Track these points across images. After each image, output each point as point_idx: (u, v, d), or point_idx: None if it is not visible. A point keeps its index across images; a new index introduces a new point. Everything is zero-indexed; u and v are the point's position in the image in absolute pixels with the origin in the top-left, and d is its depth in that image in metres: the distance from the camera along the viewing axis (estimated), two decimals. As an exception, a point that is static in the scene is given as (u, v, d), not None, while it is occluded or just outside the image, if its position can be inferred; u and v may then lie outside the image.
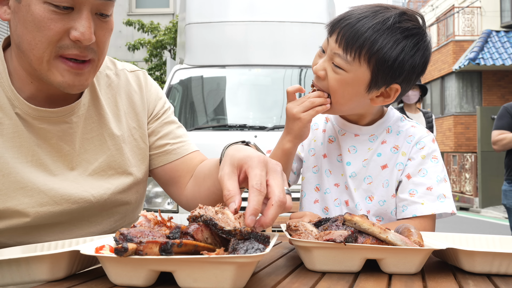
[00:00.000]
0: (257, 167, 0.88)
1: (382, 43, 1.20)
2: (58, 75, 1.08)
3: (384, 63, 1.21)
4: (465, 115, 16.40)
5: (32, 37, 1.04)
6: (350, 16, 1.24)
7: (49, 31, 1.03)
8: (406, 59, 1.22)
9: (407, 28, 1.22)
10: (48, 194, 1.12)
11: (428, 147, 1.34)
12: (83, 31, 1.04)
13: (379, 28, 1.20)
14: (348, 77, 1.24)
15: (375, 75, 1.23)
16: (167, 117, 1.37)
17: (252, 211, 0.82)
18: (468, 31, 17.31)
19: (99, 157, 1.21)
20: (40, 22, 1.03)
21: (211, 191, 1.22)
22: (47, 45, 1.05)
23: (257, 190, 0.85)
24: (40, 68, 1.07)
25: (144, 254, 0.73)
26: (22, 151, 1.11)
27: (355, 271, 0.89)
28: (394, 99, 1.29)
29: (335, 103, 1.29)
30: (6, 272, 0.83)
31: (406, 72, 1.24)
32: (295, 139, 1.30)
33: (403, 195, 1.31)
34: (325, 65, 1.27)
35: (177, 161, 1.33)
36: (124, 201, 1.25)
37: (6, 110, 1.10)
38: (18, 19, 1.05)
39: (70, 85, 1.09)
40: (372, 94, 1.28)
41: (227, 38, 4.84)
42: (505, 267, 0.88)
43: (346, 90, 1.26)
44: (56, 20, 1.03)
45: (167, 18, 14.30)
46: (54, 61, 1.07)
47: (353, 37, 1.21)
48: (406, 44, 1.22)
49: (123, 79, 1.31)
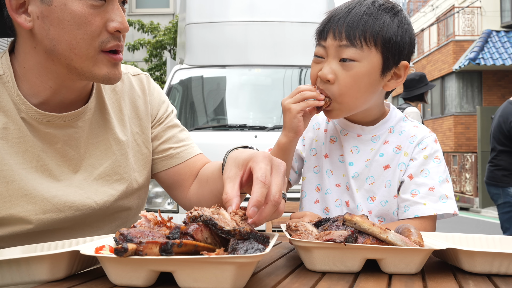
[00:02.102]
0: (263, 162, 0.90)
1: (380, 22, 1.25)
2: (104, 68, 1.10)
3: (389, 41, 1.26)
4: (465, 115, 16.40)
5: (72, 36, 1.05)
6: (336, 13, 1.28)
7: (90, 26, 1.05)
8: (404, 32, 1.29)
9: (391, 7, 1.30)
10: (52, 201, 1.12)
11: (430, 147, 1.34)
12: (121, 20, 1.09)
13: (371, 11, 1.26)
14: (362, 66, 1.25)
15: (386, 56, 1.26)
16: (170, 121, 1.37)
17: (255, 202, 0.84)
18: (468, 31, 17.31)
19: (104, 161, 1.21)
20: (81, 19, 1.04)
21: (213, 194, 1.22)
22: (90, 41, 1.06)
23: (261, 182, 0.86)
24: (83, 66, 1.08)
25: (144, 255, 0.73)
26: (27, 156, 1.11)
27: (355, 271, 0.89)
28: (405, 77, 1.32)
29: (348, 102, 1.27)
30: (6, 272, 0.83)
31: (408, 46, 1.30)
32: (289, 133, 1.29)
33: (405, 196, 1.31)
34: (332, 67, 1.26)
35: (181, 165, 1.33)
36: (126, 207, 1.26)
37: (12, 115, 1.10)
38: (50, 22, 1.05)
39: (113, 77, 1.12)
40: (386, 78, 1.30)
41: (227, 38, 4.84)
42: (505, 267, 0.88)
43: (363, 82, 1.26)
44: (95, 15, 1.06)
45: (167, 18, 14.30)
46: (98, 56, 1.09)
47: (352, 26, 1.24)
48: (399, 20, 1.29)
49: (126, 83, 1.31)
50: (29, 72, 1.11)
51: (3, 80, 1.11)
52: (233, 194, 0.88)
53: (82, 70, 1.09)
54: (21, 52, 1.12)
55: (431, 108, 18.16)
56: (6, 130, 1.09)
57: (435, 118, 17.87)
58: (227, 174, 0.93)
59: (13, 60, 1.14)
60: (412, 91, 5.06)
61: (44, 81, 1.12)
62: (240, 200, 0.89)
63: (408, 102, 5.12)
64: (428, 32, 19.67)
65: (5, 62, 1.13)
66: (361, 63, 1.24)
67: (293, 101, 1.27)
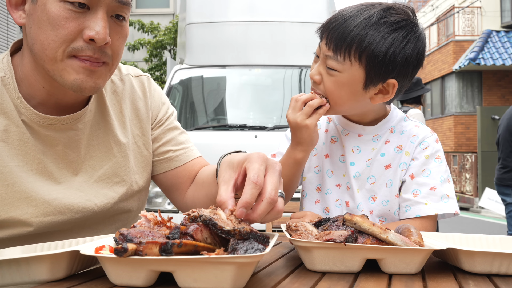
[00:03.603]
0: (257, 162, 0.89)
1: (370, 39, 1.21)
2: (72, 72, 1.05)
3: (375, 59, 1.22)
4: (465, 115, 16.40)
5: (46, 37, 1.03)
6: (336, 18, 1.26)
7: (63, 29, 1.03)
8: (397, 52, 1.22)
9: (393, 21, 1.23)
10: (52, 204, 1.11)
11: (432, 147, 1.34)
12: (98, 30, 1.03)
13: (365, 25, 1.22)
14: (343, 77, 1.25)
15: (369, 72, 1.24)
16: (170, 123, 1.37)
17: (243, 203, 0.84)
18: (468, 31, 17.31)
19: (104, 164, 1.21)
20: (55, 21, 1.02)
21: (208, 198, 1.22)
22: (60, 44, 1.03)
23: (253, 182, 0.85)
24: (54, 68, 1.05)
25: (144, 255, 0.73)
26: (28, 159, 1.10)
27: (355, 271, 0.89)
28: (393, 95, 1.29)
29: (334, 105, 1.29)
30: (6, 272, 0.83)
31: (400, 66, 1.24)
32: (308, 147, 1.29)
33: (407, 195, 1.31)
34: (319, 69, 1.29)
35: (179, 168, 1.33)
36: (126, 209, 1.25)
37: (13, 117, 1.10)
38: (32, 20, 1.05)
39: (83, 83, 1.06)
40: (370, 92, 1.27)
41: (227, 38, 4.84)
42: (506, 267, 0.88)
43: (343, 91, 1.26)
44: (72, 19, 1.03)
45: (167, 18, 14.30)
46: (67, 60, 1.05)
47: (340, 38, 1.23)
48: (394, 37, 1.22)
49: (127, 84, 1.30)
50: (26, 72, 1.11)
51: (4, 82, 1.10)
52: (227, 196, 0.88)
53: (53, 73, 1.06)
54: (23, 50, 1.13)
55: (431, 108, 18.16)
56: (6, 132, 1.09)
57: (435, 118, 17.87)
58: (222, 177, 0.92)
59: (15, 61, 1.14)
60: (409, 93, 5.20)
61: (38, 81, 1.11)
62: (234, 202, 0.88)
63: (406, 104, 5.23)
64: (428, 32, 19.65)
65: (6, 63, 1.12)
66: (342, 73, 1.25)
67: (305, 116, 1.26)
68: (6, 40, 8.99)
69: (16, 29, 9.16)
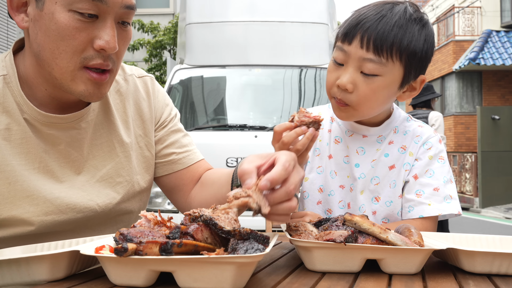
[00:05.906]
0: (289, 155, 0.92)
1: (409, 36, 1.21)
2: (81, 85, 1.07)
3: (414, 56, 1.23)
4: (465, 115, 16.40)
5: (56, 46, 1.03)
6: (366, 18, 1.21)
7: (74, 40, 1.02)
8: (429, 47, 1.25)
9: (420, 17, 1.25)
10: (54, 203, 1.11)
11: (435, 147, 1.34)
12: (108, 39, 1.03)
13: (402, 23, 1.21)
14: (383, 80, 1.22)
15: (408, 70, 1.24)
16: (174, 125, 1.36)
17: (270, 178, 0.86)
18: (468, 31, 17.30)
19: (107, 163, 1.21)
20: (64, 31, 1.02)
21: (216, 198, 1.21)
22: (71, 55, 1.03)
23: (284, 166, 0.88)
24: (62, 78, 1.06)
25: (144, 254, 0.73)
26: (30, 157, 1.10)
27: (355, 271, 0.89)
28: (420, 90, 1.31)
29: (368, 108, 1.26)
30: (6, 272, 0.83)
31: (429, 60, 1.27)
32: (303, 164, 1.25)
33: (410, 196, 1.31)
34: (353, 76, 1.22)
35: (183, 170, 1.33)
36: (128, 210, 1.25)
37: (15, 115, 1.09)
38: (39, 27, 1.04)
39: (91, 95, 1.08)
40: (402, 90, 1.29)
41: (227, 38, 4.84)
42: (506, 267, 0.88)
43: (381, 94, 1.24)
44: (81, 29, 1.02)
45: (167, 18, 14.31)
46: (78, 72, 1.05)
47: (381, 38, 1.19)
48: (426, 33, 1.24)
49: (131, 85, 1.30)
50: (28, 73, 1.11)
51: (6, 81, 1.10)
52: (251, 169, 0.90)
53: (60, 82, 1.07)
54: (25, 50, 1.13)
55: (431, 108, 18.15)
56: (9, 130, 1.09)
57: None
58: (247, 160, 0.94)
59: (18, 60, 1.14)
60: (419, 98, 5.41)
61: (40, 83, 1.11)
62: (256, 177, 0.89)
63: (419, 107, 5.48)
64: (428, 32, 19.63)
65: (8, 62, 1.12)
66: (383, 77, 1.22)
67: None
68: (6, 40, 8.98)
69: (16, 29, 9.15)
